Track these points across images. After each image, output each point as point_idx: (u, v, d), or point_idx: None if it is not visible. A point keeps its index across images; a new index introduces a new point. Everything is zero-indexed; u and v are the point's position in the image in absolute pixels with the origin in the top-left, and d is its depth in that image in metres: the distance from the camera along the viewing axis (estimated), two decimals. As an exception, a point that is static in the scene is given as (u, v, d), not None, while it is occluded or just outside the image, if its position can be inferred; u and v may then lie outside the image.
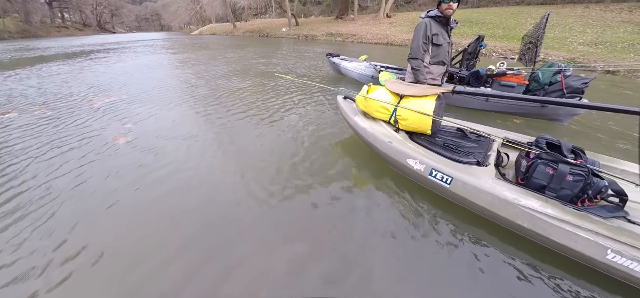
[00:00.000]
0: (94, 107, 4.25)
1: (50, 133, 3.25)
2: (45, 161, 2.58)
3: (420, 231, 1.71)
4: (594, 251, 1.28)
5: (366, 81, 5.09)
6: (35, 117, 3.85)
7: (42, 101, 4.68)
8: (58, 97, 4.91)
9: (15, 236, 1.67)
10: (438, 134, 2.14)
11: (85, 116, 3.81)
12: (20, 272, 1.45)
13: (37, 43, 21.85)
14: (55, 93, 5.19)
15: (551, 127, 3.41)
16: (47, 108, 4.26)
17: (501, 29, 13.72)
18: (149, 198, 2.01)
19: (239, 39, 23.32)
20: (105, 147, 2.83)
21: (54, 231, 1.72)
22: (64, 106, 4.35)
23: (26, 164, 2.53)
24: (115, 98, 4.69)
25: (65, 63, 9.36)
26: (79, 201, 1.99)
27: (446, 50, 2.70)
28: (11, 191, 2.12)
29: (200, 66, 8.15)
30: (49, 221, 1.80)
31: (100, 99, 4.66)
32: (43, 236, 1.67)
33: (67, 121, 3.62)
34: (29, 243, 1.63)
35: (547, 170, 1.54)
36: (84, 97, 4.86)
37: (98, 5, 55.21)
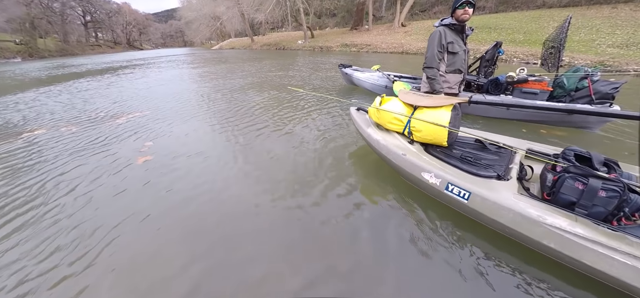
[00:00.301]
0: (117, 123, 4.34)
1: (72, 151, 3.27)
2: (66, 181, 2.57)
3: (435, 249, 1.62)
4: (634, 276, 1.15)
5: (379, 91, 5.02)
6: (61, 134, 3.93)
7: (69, 117, 4.84)
8: (84, 113, 5.08)
9: (35, 249, 1.74)
10: (455, 146, 2.05)
11: (108, 133, 3.84)
12: (36, 284, 1.51)
13: (72, 61, 23.63)
14: (82, 109, 5.38)
15: (579, 135, 3.19)
16: (73, 125, 4.37)
17: (522, 34, 13.26)
18: (168, 217, 2.00)
19: (257, 52, 24.04)
20: (125, 167, 2.80)
21: (72, 246, 1.76)
22: (89, 122, 4.45)
23: (45, 181, 2.57)
24: (138, 114, 4.78)
25: (94, 79, 9.97)
26: (97, 220, 2.00)
27: (462, 58, 2.62)
28: (29, 210, 2.14)
29: (219, 79, 8.35)
30: (67, 238, 1.82)
31: (124, 116, 4.75)
32: (60, 252, 1.72)
33: (91, 139, 3.66)
34: (47, 258, 1.68)
35: (576, 185, 1.41)
36: (108, 113, 4.99)
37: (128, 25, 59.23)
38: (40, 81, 10.16)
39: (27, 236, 1.85)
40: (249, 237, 1.76)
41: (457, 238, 1.69)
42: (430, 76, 2.61)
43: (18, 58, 30.30)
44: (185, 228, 1.87)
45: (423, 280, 1.44)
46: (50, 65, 19.29)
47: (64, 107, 5.64)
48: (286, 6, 28.23)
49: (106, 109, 5.34)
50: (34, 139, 3.75)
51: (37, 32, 36.55)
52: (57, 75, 12.09)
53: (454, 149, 1.99)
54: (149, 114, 4.76)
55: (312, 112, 4.40)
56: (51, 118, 4.89)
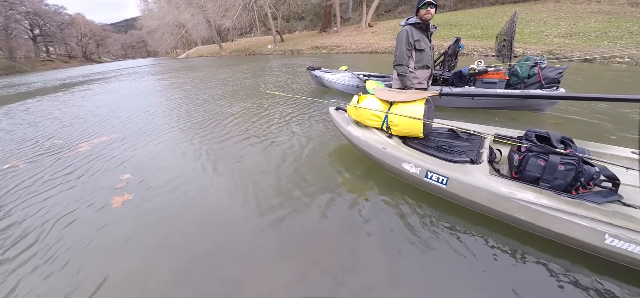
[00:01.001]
0: (78, 153, 3.55)
1: (19, 201, 2.49)
2: (5, 264, 1.76)
3: (420, 233, 1.71)
4: (592, 237, 1.30)
5: (351, 91, 5.15)
6: (4, 176, 3.06)
7: (14, 148, 3.98)
8: (35, 143, 4.19)
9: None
10: (430, 136, 2.18)
11: (69, 168, 3.08)
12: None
13: (21, 79, 21.52)
14: (31, 138, 4.45)
15: (534, 117, 3.55)
16: (20, 159, 3.53)
17: (479, 29, 14.21)
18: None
19: (226, 59, 23.48)
20: (97, 214, 2.18)
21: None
22: (42, 155, 3.62)
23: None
24: (105, 139, 4.06)
25: (46, 99, 8.98)
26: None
27: (429, 54, 2.77)
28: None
29: (192, 91, 7.89)
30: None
31: (86, 142, 3.98)
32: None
33: (45, 179, 2.88)
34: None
35: (538, 162, 1.56)
36: (66, 140, 4.17)
37: (83, 37, 55.18)
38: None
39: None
40: (238, 246, 1.74)
41: (438, 221, 1.80)
42: (400, 73, 2.73)
43: (-46, 80, 27.09)
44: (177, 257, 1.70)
45: (409, 263, 1.52)
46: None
47: (7, 136, 4.68)
48: (253, 11, 27.90)
49: (63, 135, 4.48)
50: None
51: (-23, 49, 33.00)
52: (2, 96, 10.89)
53: (430, 140, 2.11)
54: (117, 137, 4.10)
55: (292, 114, 4.41)
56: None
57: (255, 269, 1.57)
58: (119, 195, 2.42)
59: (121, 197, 2.39)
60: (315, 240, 1.74)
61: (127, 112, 5.74)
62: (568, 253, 1.46)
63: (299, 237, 1.76)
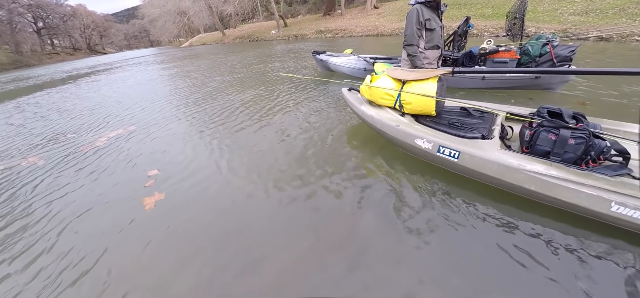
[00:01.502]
0: (97, 148, 3.42)
1: (43, 202, 2.37)
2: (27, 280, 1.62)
3: (432, 205, 1.80)
4: (598, 204, 1.37)
5: (359, 74, 5.12)
6: (20, 174, 2.96)
7: (30, 144, 3.87)
8: (50, 137, 4.11)
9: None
10: (443, 114, 2.23)
11: (90, 165, 2.97)
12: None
13: (29, 72, 21.82)
14: (46, 134, 4.34)
15: (547, 96, 3.53)
16: (37, 155, 3.42)
17: (490, 8, 13.78)
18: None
19: (230, 46, 23.32)
20: (130, 224, 1.97)
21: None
22: (59, 150, 3.52)
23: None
24: (122, 131, 3.93)
25: (56, 91, 9.07)
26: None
27: (439, 34, 2.77)
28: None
29: (199, 79, 7.82)
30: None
31: (104, 136, 3.84)
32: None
33: (67, 177, 2.77)
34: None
35: (549, 136, 1.61)
36: (81, 134, 4.08)
37: (86, 28, 55.18)
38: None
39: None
40: (255, 228, 1.82)
41: (450, 193, 1.89)
42: (411, 53, 2.74)
43: (-35, 75, 27.58)
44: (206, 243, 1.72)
45: (423, 233, 1.61)
46: (3, 79, 17.70)
47: (21, 131, 4.66)
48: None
49: (77, 128, 4.39)
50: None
51: (-16, 44, 33.37)
52: (10, 91, 11.04)
53: (442, 118, 2.17)
54: (133, 129, 3.97)
55: (304, 97, 4.47)
56: (5, 149, 3.90)
57: (279, 252, 1.60)
58: (149, 195, 2.27)
59: (152, 197, 2.24)
60: (330, 218, 1.82)
61: (139, 103, 5.66)
62: (574, 221, 1.53)
63: (316, 216, 1.85)
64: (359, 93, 2.66)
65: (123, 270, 1.62)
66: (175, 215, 2.01)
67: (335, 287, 1.36)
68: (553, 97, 3.53)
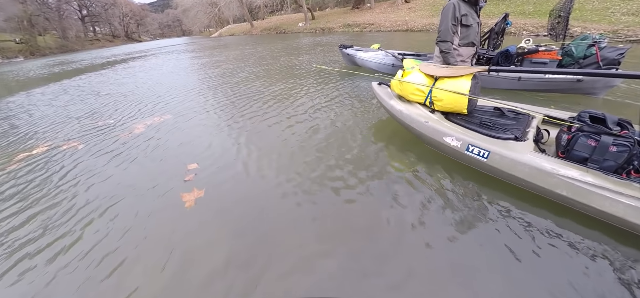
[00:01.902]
0: (135, 135, 3.47)
1: (82, 189, 2.38)
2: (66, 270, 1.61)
3: (457, 203, 1.80)
4: (636, 215, 1.31)
5: (386, 70, 5.05)
6: (61, 157, 3.04)
7: (71, 129, 3.97)
8: (89, 122, 4.23)
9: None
10: (474, 113, 2.19)
11: (127, 153, 2.97)
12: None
13: (73, 57, 23.49)
14: (85, 117, 4.49)
15: (588, 102, 3.31)
16: (77, 140, 3.50)
17: (531, 5, 12.93)
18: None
19: (258, 37, 23.76)
20: (170, 223, 1.89)
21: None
22: (97, 135, 3.59)
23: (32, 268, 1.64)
24: (157, 119, 3.96)
25: (96, 76, 9.53)
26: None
27: (476, 30, 2.68)
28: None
29: (230, 69, 7.93)
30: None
31: (141, 124, 3.87)
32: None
33: (104, 163, 2.80)
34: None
35: (588, 142, 1.54)
36: (119, 120, 4.15)
37: (124, 17, 58.45)
38: (37, 81, 9.93)
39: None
40: (285, 219, 1.85)
41: (477, 192, 1.87)
42: (444, 50, 2.66)
43: (20, 57, 30.29)
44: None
45: (447, 231, 1.62)
46: (51, 62, 19.15)
47: (62, 112, 4.92)
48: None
49: (115, 114, 4.49)
50: (23, 170, 2.85)
51: (36, 29, 36.35)
52: (55, 73, 11.88)
53: (474, 117, 2.13)
54: (169, 118, 3.97)
55: (333, 90, 4.54)
56: (48, 130, 4.07)
57: (309, 246, 1.61)
58: (188, 191, 2.17)
59: (191, 194, 2.14)
60: (356, 211, 1.85)
61: (172, 91, 5.75)
62: (608, 231, 1.47)
63: (342, 210, 1.88)
64: (389, 88, 2.67)
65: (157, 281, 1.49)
66: (216, 215, 1.91)
67: (364, 283, 1.40)
68: (596, 103, 3.31)
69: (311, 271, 1.46)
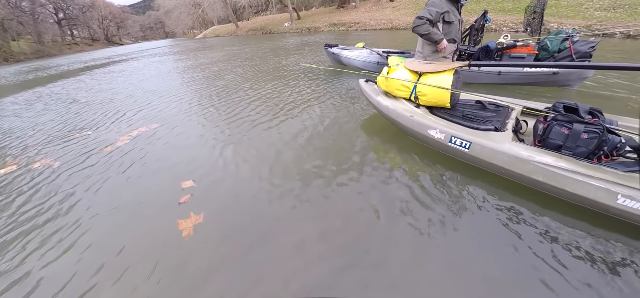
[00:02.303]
0: (118, 150, 3.05)
1: (55, 212, 2.08)
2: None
3: (441, 192, 1.88)
4: (605, 197, 1.40)
5: (371, 68, 5.12)
6: (33, 178, 2.63)
7: (44, 142, 3.58)
8: (66, 135, 3.76)
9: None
10: (457, 107, 2.29)
11: (110, 172, 2.59)
12: None
13: (49, 62, 22.39)
14: (63, 129, 4.03)
15: (563, 93, 3.50)
16: (52, 156, 3.09)
17: (510, 2, 13.38)
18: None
19: (244, 38, 23.49)
20: (171, 252, 1.64)
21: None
22: (75, 150, 3.18)
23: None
24: (144, 130, 3.60)
25: (74, 82, 9.00)
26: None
27: (457, 27, 2.78)
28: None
29: (217, 71, 7.69)
30: None
31: (125, 135, 3.45)
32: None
33: (91, 188, 2.37)
34: None
35: (562, 130, 1.64)
36: (100, 133, 3.69)
37: (104, 20, 56.56)
38: (8, 89, 9.33)
39: None
40: (272, 216, 1.88)
41: (459, 181, 1.96)
42: (423, 32, 2.57)
43: (-8, 63, 28.89)
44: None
45: (432, 219, 1.69)
46: (25, 68, 18.17)
47: (36, 126, 4.33)
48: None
49: (96, 125, 4.03)
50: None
51: (9, 34, 34.66)
52: (29, 80, 11.18)
53: (456, 110, 2.23)
54: (156, 128, 3.63)
55: (321, 88, 4.60)
56: (19, 145, 3.62)
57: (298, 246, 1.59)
58: (184, 217, 1.88)
59: (189, 220, 1.85)
60: (344, 203, 1.90)
61: (160, 97, 5.35)
62: (580, 213, 1.57)
63: (331, 201, 1.93)
64: (375, 84, 2.73)
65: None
66: (221, 245, 1.65)
67: (350, 276, 1.44)
68: (571, 94, 3.50)
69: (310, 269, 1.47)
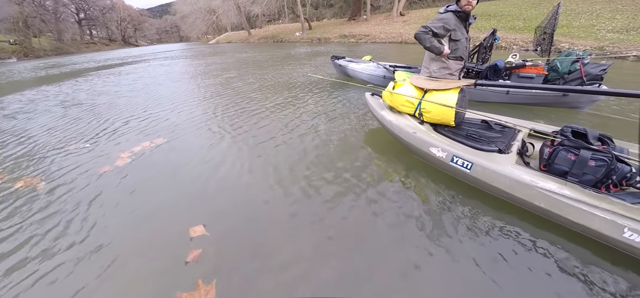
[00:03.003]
0: (120, 170, 2.62)
1: (32, 254, 1.67)
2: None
3: (440, 212, 1.84)
4: (610, 229, 1.34)
5: (377, 81, 5.11)
6: (11, 203, 2.17)
7: (33, 156, 3.06)
8: (60, 148, 3.20)
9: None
10: (462, 125, 2.26)
11: (105, 201, 2.15)
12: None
13: (66, 59, 23.11)
14: (57, 140, 3.49)
15: (573, 115, 3.43)
16: (39, 175, 2.61)
17: (521, 21, 13.34)
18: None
19: (255, 45, 23.92)
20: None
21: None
22: (69, 170, 2.69)
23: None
24: (148, 145, 3.17)
25: (83, 82, 8.88)
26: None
27: (464, 45, 2.73)
28: None
29: (230, 80, 7.32)
30: None
31: (129, 150, 3.03)
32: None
33: (70, 216, 2.00)
34: None
35: (568, 156, 1.59)
36: (102, 145, 3.23)
37: (122, 21, 58.48)
38: (18, 85, 9.32)
39: None
40: (274, 226, 1.90)
41: (459, 202, 1.92)
42: (424, 41, 2.39)
43: (13, 58, 29.99)
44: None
45: (429, 237, 1.65)
46: (41, 64, 18.77)
47: (33, 131, 3.84)
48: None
49: (95, 134, 3.57)
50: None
51: (31, 31, 36.14)
52: (42, 77, 11.27)
53: (461, 129, 2.20)
54: (163, 144, 3.17)
55: (329, 100, 4.60)
56: (8, 154, 3.19)
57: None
58: (191, 288, 1.42)
59: (198, 293, 1.39)
60: (342, 217, 1.87)
61: (168, 105, 4.92)
62: (584, 243, 1.51)
63: (330, 215, 1.90)
64: (380, 98, 2.73)
65: None
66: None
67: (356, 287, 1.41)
68: (581, 117, 3.42)
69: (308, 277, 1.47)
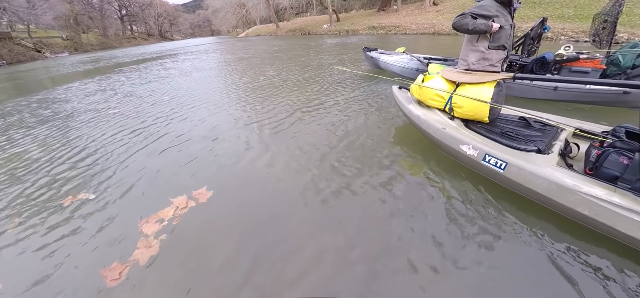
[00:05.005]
0: (138, 273, 1.52)
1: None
2: None
3: (469, 214, 1.73)
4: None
5: (410, 74, 4.86)
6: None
7: (33, 181, 2.54)
8: (49, 208, 2.13)
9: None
10: (497, 122, 2.11)
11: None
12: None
13: (109, 54, 24.65)
14: (53, 180, 2.54)
15: (632, 118, 3.00)
16: (17, 217, 2.01)
17: (572, 8, 12.13)
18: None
19: (283, 38, 24.12)
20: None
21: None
22: (76, 208, 2.08)
23: None
24: (184, 204, 2.02)
25: (117, 77, 8.81)
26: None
27: (508, 33, 2.48)
28: None
29: (266, 74, 7.01)
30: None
31: (151, 217, 1.92)
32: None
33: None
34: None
35: (620, 159, 1.42)
36: (109, 203, 2.13)
37: (159, 17, 61.91)
38: (65, 78, 9.86)
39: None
40: (296, 219, 1.92)
41: (490, 204, 1.79)
42: (467, 26, 2.27)
43: (65, 53, 32.83)
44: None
45: (457, 241, 1.57)
46: (87, 59, 20.13)
47: (26, 184, 2.52)
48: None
49: (107, 178, 2.50)
50: None
51: (80, 27, 39.47)
52: (78, 72, 11.88)
53: (495, 126, 2.05)
54: (208, 202, 2.08)
55: (357, 93, 4.52)
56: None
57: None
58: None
59: None
60: (369, 215, 1.83)
61: (208, 124, 3.70)
62: (637, 257, 1.36)
63: (354, 211, 1.87)
64: (409, 92, 2.63)
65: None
66: None
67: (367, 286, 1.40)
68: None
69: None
